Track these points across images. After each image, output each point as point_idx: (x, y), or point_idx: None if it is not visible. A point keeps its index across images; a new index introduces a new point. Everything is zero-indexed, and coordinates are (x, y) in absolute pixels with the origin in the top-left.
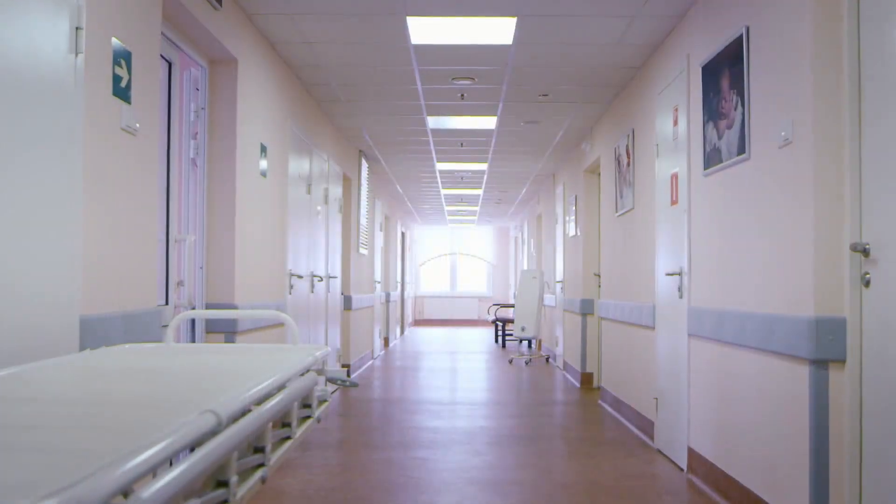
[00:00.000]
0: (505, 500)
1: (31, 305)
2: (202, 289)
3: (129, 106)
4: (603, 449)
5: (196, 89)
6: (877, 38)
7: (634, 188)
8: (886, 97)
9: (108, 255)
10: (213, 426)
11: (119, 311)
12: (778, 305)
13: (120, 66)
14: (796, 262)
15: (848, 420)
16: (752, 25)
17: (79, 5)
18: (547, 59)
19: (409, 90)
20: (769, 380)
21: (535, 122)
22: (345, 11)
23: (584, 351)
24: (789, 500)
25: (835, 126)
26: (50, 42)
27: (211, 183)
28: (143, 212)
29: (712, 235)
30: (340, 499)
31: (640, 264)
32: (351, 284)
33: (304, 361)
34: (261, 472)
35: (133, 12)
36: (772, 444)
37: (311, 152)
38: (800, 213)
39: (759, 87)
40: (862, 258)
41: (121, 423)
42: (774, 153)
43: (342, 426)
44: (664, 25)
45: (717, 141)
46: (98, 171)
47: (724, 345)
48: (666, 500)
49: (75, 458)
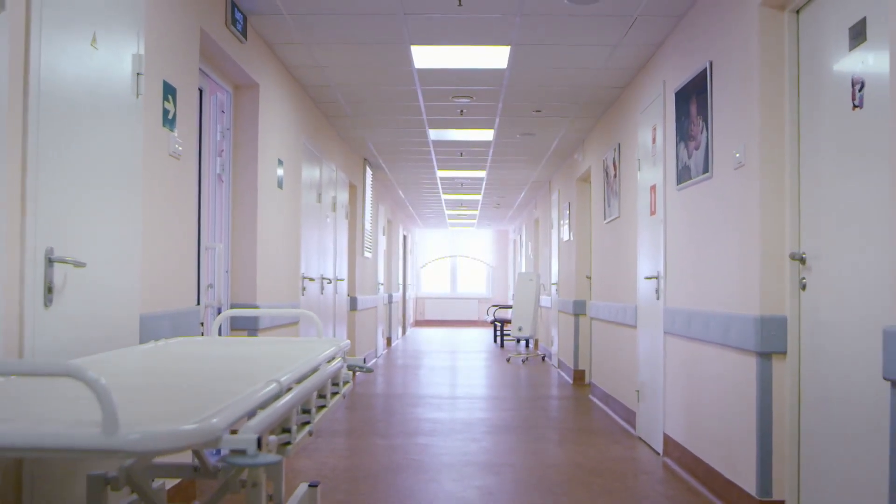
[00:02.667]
0: (499, 478)
1: (106, 306)
2: (227, 291)
3: (174, 134)
4: (590, 437)
5: (222, 112)
6: (814, 80)
7: (620, 198)
8: (820, 132)
9: (159, 262)
10: (277, 391)
11: (168, 310)
12: (733, 305)
13: (168, 101)
14: (746, 269)
15: (788, 403)
16: (714, 61)
17: (140, 55)
18: (539, 80)
19: (411, 106)
20: (726, 370)
21: (531, 135)
22: (355, 41)
23: (576, 349)
24: (741, 474)
25: (778, 153)
26: (121, 87)
27: (235, 196)
28: (184, 224)
29: (684, 244)
30: (351, 477)
31: (624, 268)
32: (356, 286)
33: (332, 350)
34: (308, 427)
35: (178, 55)
36: (728, 426)
37: (320, 163)
38: (749, 226)
39: (719, 116)
40: (800, 265)
41: (217, 388)
42: (731, 173)
43: (349, 418)
44: (644, 52)
45: (688, 160)
46: (152, 189)
47: (692, 341)
48: (641, 479)
49: (205, 405)
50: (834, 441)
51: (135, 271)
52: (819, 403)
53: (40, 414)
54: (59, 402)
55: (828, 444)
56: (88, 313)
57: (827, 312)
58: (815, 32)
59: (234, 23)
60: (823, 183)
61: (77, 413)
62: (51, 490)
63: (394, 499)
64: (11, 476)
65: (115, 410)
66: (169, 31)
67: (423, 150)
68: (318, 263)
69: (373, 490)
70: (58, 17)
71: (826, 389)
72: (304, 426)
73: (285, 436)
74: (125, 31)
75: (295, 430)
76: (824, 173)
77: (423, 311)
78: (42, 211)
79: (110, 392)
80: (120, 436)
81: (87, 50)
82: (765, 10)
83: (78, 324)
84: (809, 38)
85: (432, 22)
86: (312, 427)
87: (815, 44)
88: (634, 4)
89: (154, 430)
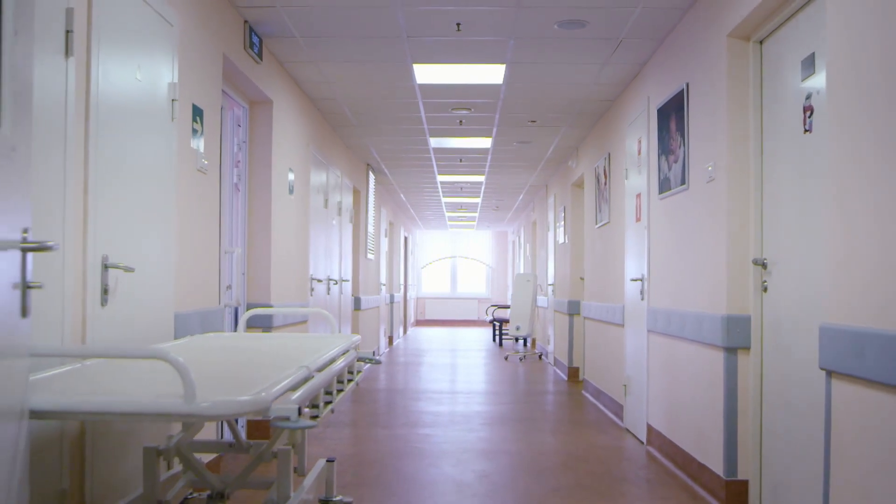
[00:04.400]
0: (494, 464)
1: (148, 305)
2: (244, 291)
3: (201, 152)
4: (580, 428)
5: (238, 126)
6: (774, 105)
7: (610, 204)
8: (779, 152)
9: (189, 266)
10: (306, 375)
11: (197, 309)
12: (705, 305)
13: (196, 122)
14: (716, 273)
15: (751, 393)
16: (690, 82)
17: (174, 83)
18: (533, 94)
19: (413, 117)
20: (699, 364)
21: (527, 143)
22: (361, 59)
23: (571, 347)
24: (711, 457)
25: (743, 170)
26: (159, 112)
27: (251, 203)
28: (209, 232)
29: (664, 249)
30: (358, 462)
31: (613, 271)
32: (360, 287)
33: (346, 343)
34: (330, 405)
35: (204, 79)
36: (700, 414)
37: (327, 169)
38: (718, 234)
39: (695, 133)
40: (762, 270)
41: (258, 372)
42: (704, 186)
43: (354, 411)
44: (630, 70)
45: (668, 171)
46: (183, 202)
47: (672, 338)
48: (624, 464)
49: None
50: (790, 426)
51: (170, 274)
52: (778, 393)
53: (120, 389)
54: (127, 380)
55: (785, 429)
56: (134, 311)
57: (784, 312)
58: (776, 62)
59: (251, 46)
60: (782, 197)
61: (146, 388)
62: (107, 459)
63: (398, 480)
64: (77, 448)
65: (193, 385)
66: (197, 58)
67: (424, 156)
68: (324, 265)
69: (379, 473)
70: (110, 56)
71: (784, 380)
72: (326, 405)
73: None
74: (162, 62)
75: (321, 406)
76: (782, 189)
77: (423, 310)
78: (99, 224)
79: (190, 371)
80: (196, 404)
81: (133, 83)
82: (732, 40)
83: (126, 320)
84: (771, 67)
85: (432, 43)
86: (334, 406)
87: (775, 72)
88: (619, 28)
89: (221, 400)
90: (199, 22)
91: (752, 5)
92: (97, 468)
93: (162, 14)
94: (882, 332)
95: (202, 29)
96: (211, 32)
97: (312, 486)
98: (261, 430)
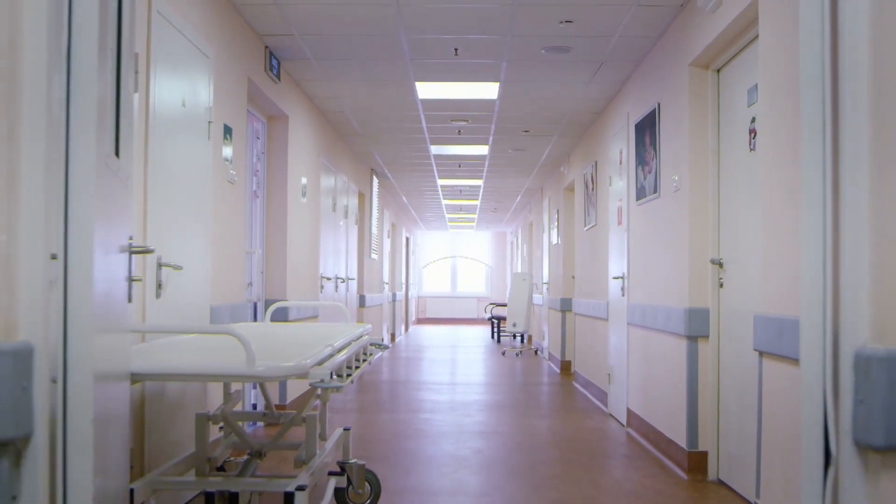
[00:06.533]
0: (489, 442)
1: (190, 298)
2: (263, 288)
3: (230, 164)
4: (568, 414)
5: (257, 138)
6: (728, 126)
7: (597, 208)
8: (731, 167)
9: (220, 265)
10: (332, 351)
11: (227, 303)
12: (672, 300)
13: (226, 140)
14: (680, 271)
15: (710, 375)
16: (661, 103)
17: (210, 107)
18: (526, 107)
19: (415, 127)
20: (667, 351)
21: (521, 150)
22: (369, 78)
23: (563, 342)
24: (676, 432)
25: (703, 181)
26: (198, 133)
27: (268, 209)
28: (236, 235)
29: (641, 250)
30: (366, 441)
31: (599, 270)
32: (364, 285)
33: (360, 330)
34: (349, 379)
35: (233, 101)
36: (668, 395)
37: (335, 175)
38: (682, 237)
39: (665, 148)
40: (718, 269)
41: (294, 348)
42: (672, 195)
43: (359, 399)
44: (612, 88)
45: (644, 180)
46: (216, 209)
47: (647, 329)
48: (604, 442)
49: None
50: (741, 402)
51: (207, 273)
52: (731, 374)
53: (185, 360)
54: (187, 354)
55: (737, 406)
56: (180, 304)
57: (736, 305)
58: (730, 89)
59: (271, 68)
60: (734, 206)
61: (204, 360)
62: (160, 425)
63: (402, 455)
64: (138, 414)
65: (254, 354)
66: (227, 83)
67: (425, 162)
68: (333, 264)
69: (384, 449)
70: (162, 88)
71: (736, 363)
72: (348, 377)
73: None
74: (201, 88)
75: (344, 377)
76: (734, 198)
77: (424, 309)
78: (154, 229)
79: (251, 343)
80: (256, 368)
81: (179, 108)
82: (693, 69)
83: (173, 311)
84: (726, 93)
85: (433, 65)
86: (353, 378)
87: (729, 98)
88: (600, 53)
89: (273, 365)
90: (228, 51)
91: (709, 39)
92: (153, 432)
93: (200, 48)
94: (796, 319)
95: (231, 57)
96: (238, 59)
97: (332, 448)
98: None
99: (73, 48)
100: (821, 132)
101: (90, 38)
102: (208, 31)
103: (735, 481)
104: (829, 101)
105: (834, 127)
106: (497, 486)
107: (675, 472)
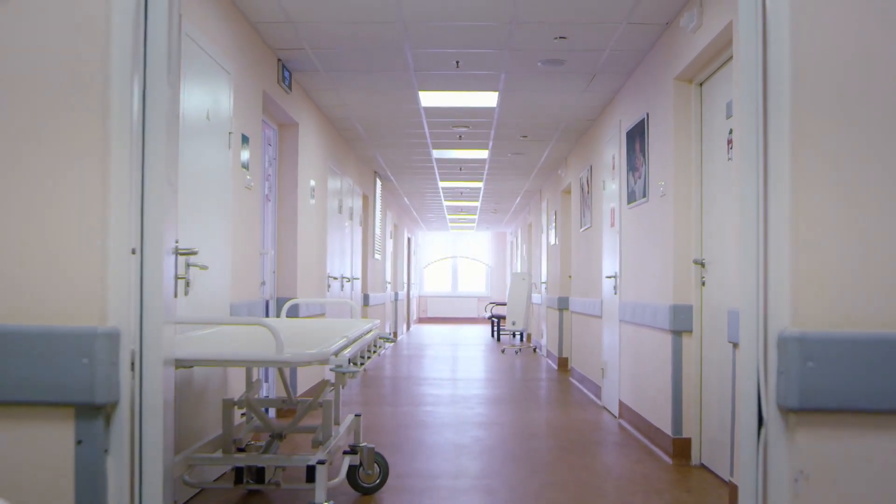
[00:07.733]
0: (488, 432)
1: (213, 296)
2: (274, 287)
3: (247, 171)
4: (563, 407)
5: (269, 145)
6: (710, 136)
7: (592, 210)
8: (712, 175)
9: (239, 265)
10: (347, 342)
11: (244, 300)
12: (658, 298)
13: (244, 148)
14: (666, 270)
15: (693, 367)
16: (650, 112)
17: (231, 118)
18: (524, 114)
19: (417, 133)
20: (655, 346)
21: (520, 154)
22: (374, 87)
23: (560, 340)
24: (662, 420)
25: (687, 187)
26: (220, 143)
27: (279, 212)
28: (252, 237)
29: (632, 251)
30: (373, 431)
31: (594, 270)
32: (368, 285)
33: (369, 325)
34: (363, 365)
35: (249, 112)
36: (655, 386)
37: (340, 178)
38: (667, 239)
39: (653, 155)
40: (700, 268)
41: (314, 340)
42: (659, 200)
43: (364, 393)
44: (606, 96)
45: (634, 185)
46: (235, 213)
47: (637, 325)
48: (596, 432)
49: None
50: (720, 392)
51: (228, 272)
52: (713, 366)
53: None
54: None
55: (718, 395)
56: (205, 300)
57: (716, 301)
58: (711, 102)
59: (283, 80)
60: (715, 210)
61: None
62: (190, 408)
63: (406, 443)
64: None
65: (282, 342)
66: (245, 95)
67: (427, 165)
68: (339, 264)
69: (391, 438)
70: (190, 103)
71: (716, 356)
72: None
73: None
74: (223, 102)
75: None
76: (715, 204)
77: (425, 308)
78: (184, 231)
79: (280, 332)
80: (284, 355)
81: (204, 122)
82: (678, 83)
83: (199, 307)
84: (708, 105)
85: (436, 76)
86: (366, 366)
87: (711, 110)
88: (593, 66)
89: (299, 352)
90: (246, 66)
91: (692, 55)
92: (182, 416)
93: (222, 65)
94: None
95: (248, 71)
96: (254, 73)
97: (345, 431)
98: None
99: (148, 75)
100: (755, 162)
101: (161, 66)
102: (229, 48)
103: (715, 465)
104: (761, 136)
105: (765, 157)
106: (496, 470)
107: (661, 458)
